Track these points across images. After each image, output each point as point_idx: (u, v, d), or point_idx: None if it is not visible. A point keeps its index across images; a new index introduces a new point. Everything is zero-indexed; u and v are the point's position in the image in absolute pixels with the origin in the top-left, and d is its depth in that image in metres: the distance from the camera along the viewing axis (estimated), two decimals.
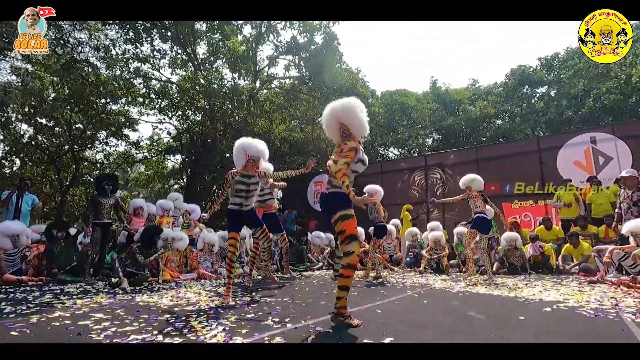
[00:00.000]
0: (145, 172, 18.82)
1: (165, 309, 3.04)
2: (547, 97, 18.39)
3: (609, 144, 7.74)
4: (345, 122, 2.52)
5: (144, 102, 14.04)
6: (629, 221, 4.45)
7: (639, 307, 2.99)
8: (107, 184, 5.23)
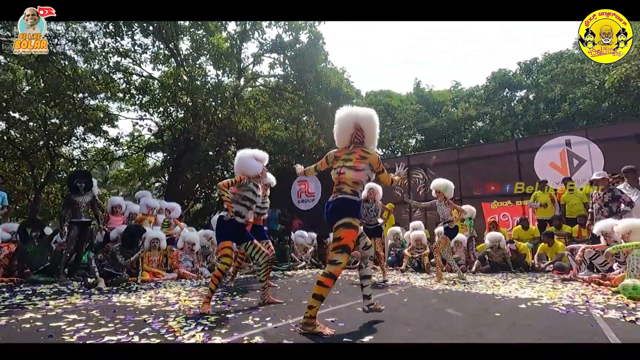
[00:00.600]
0: (125, 169, 18.32)
1: (143, 309, 2.98)
2: (526, 101, 18.92)
3: (582, 147, 8.04)
4: (363, 128, 2.53)
5: (124, 97, 13.66)
6: (599, 221, 4.63)
7: (607, 303, 3.12)
8: (79, 182, 5.06)
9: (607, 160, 7.54)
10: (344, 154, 2.52)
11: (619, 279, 3.75)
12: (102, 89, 12.41)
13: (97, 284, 4.33)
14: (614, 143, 7.70)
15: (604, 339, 2.04)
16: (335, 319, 2.59)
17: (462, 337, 2.09)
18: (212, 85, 13.08)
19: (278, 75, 14.97)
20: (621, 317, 2.55)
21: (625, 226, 3.95)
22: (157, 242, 5.36)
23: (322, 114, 14.24)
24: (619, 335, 2.08)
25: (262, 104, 15.10)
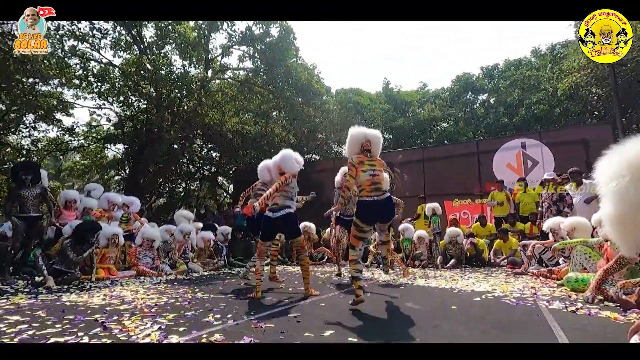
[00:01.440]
0: (81, 161, 17.21)
1: (96, 308, 2.82)
2: (487, 104, 19.86)
3: (536, 149, 8.58)
4: (372, 141, 3.10)
5: (80, 84, 12.80)
6: (548, 219, 4.96)
7: (552, 295, 3.35)
8: (24, 174, 4.69)
9: (557, 162, 8.09)
10: (366, 160, 3.01)
11: (563, 273, 4.04)
12: (55, 74, 11.55)
13: (46, 282, 4.05)
14: (564, 147, 8.28)
15: (547, 328, 2.18)
16: (298, 314, 2.59)
17: (419, 330, 2.16)
18: (177, 75, 12.58)
19: (247, 68, 14.68)
20: (563, 308, 2.74)
21: (569, 224, 4.26)
22: (116, 238, 5.10)
23: (292, 109, 14.16)
24: (561, 324, 2.24)
25: (231, 97, 14.73)
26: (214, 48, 14.61)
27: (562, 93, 13.91)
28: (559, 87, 14.04)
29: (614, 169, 1.06)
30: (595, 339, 1.97)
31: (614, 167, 1.06)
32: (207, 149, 17.69)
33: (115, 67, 13.00)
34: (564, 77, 14.00)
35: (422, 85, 23.69)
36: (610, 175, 1.06)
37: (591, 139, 8.13)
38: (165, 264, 5.68)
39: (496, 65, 20.35)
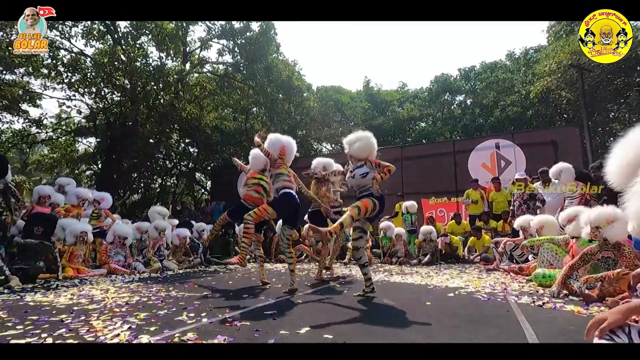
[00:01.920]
0: (49, 154, 16.42)
1: (62, 308, 2.70)
2: (464, 105, 20.41)
3: (509, 150, 8.88)
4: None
5: (49, 74, 12.19)
6: (519, 217, 5.14)
7: (521, 290, 3.48)
8: None
9: (529, 162, 8.41)
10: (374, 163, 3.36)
11: (532, 269, 4.20)
12: (21, 62, 10.95)
13: (9, 282, 3.83)
14: (535, 147, 8.62)
15: (515, 322, 2.26)
16: (274, 312, 2.57)
17: (393, 326, 2.19)
18: (154, 67, 12.20)
19: (227, 62, 14.39)
20: (531, 302, 2.85)
21: (538, 222, 4.43)
22: (85, 235, 4.90)
23: (272, 106, 14.01)
24: (528, 318, 2.32)
25: (209, 91, 14.41)
26: (193, 41, 14.27)
27: (534, 96, 14.47)
28: (532, 90, 14.59)
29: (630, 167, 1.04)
30: (560, 331, 2.05)
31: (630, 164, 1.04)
32: (185, 144, 17.26)
33: (87, 57, 12.45)
34: (536, 81, 14.56)
35: (402, 84, 24.06)
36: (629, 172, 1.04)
37: (560, 140, 8.51)
38: (139, 261, 5.51)
39: (473, 67, 20.91)
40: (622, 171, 1.07)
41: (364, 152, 3.39)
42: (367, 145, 3.39)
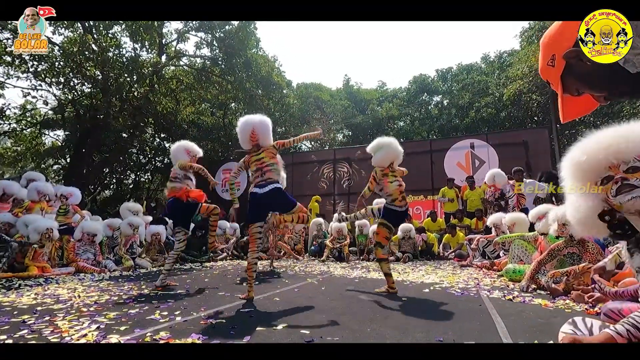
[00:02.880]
0: (12, 147, 15.55)
1: (25, 308, 2.56)
2: (441, 105, 20.87)
3: (483, 150, 9.16)
4: None
5: (12, 62, 11.49)
6: (491, 215, 5.32)
7: (493, 285, 3.60)
8: None
9: (501, 162, 8.70)
10: (389, 171, 3.55)
11: (503, 265, 4.36)
12: None
13: None
14: (507, 148, 8.93)
15: (487, 315, 2.33)
16: (251, 309, 2.53)
17: (369, 321, 2.21)
18: (127, 59, 11.76)
19: (205, 56, 14.06)
20: (502, 297, 2.95)
21: (510, 219, 4.60)
22: (50, 232, 4.65)
23: (251, 101, 13.83)
24: (500, 312, 2.40)
25: (186, 85, 14.04)
26: (169, 32, 13.84)
27: (507, 98, 14.96)
28: (505, 93, 15.08)
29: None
30: (529, 323, 2.13)
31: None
32: (160, 139, 16.78)
33: (54, 45, 11.83)
34: (509, 84, 15.06)
35: (381, 84, 24.33)
36: None
37: (530, 141, 8.85)
38: (110, 259, 5.31)
39: (450, 68, 21.39)
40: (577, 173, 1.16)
41: None
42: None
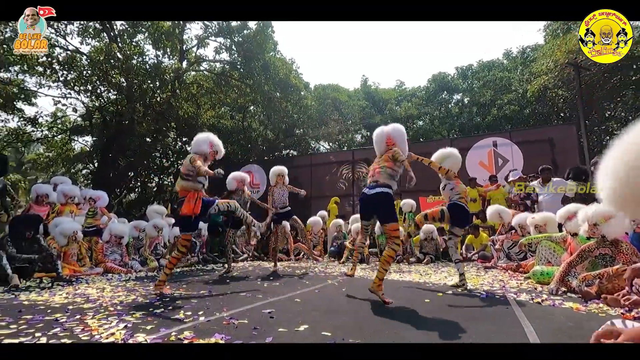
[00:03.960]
0: (45, 153, 16.31)
1: (57, 307, 2.67)
2: (461, 104, 20.44)
3: (506, 148, 8.89)
4: None
5: (44, 72, 12.08)
6: (516, 215, 5.15)
7: (520, 287, 3.48)
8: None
9: (526, 160, 8.42)
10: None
11: (530, 266, 4.21)
12: (16, 60, 10.85)
13: (10, 281, 3.75)
14: (532, 145, 8.63)
15: (515, 319, 2.25)
16: (272, 310, 2.55)
17: (392, 323, 2.18)
18: (150, 65, 12.12)
19: (224, 61, 14.33)
20: (530, 299, 2.85)
21: (542, 218, 4.42)
22: (75, 233, 4.82)
23: (270, 104, 13.98)
24: (528, 315, 2.31)
25: (206, 89, 14.35)
26: (189, 39, 14.20)
27: (531, 95, 14.48)
28: (529, 89, 14.61)
29: None
30: (559, 327, 2.04)
31: None
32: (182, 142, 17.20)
33: (82, 54, 12.36)
34: (533, 80, 14.59)
35: (399, 83, 24.05)
36: None
37: (557, 138, 8.52)
38: (135, 260, 5.48)
39: (470, 65, 20.92)
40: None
41: None
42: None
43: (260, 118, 17.21)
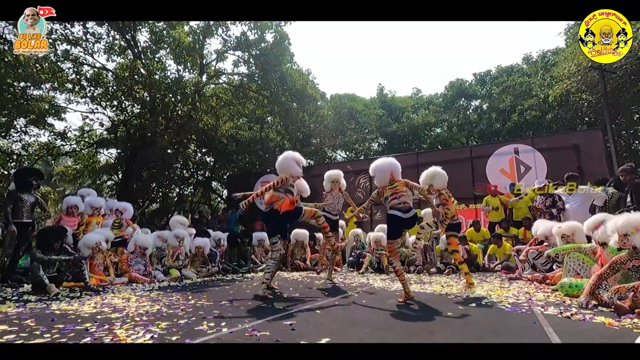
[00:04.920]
0: (73, 166, 17.03)
1: (86, 317, 2.76)
2: (480, 110, 20.11)
3: (529, 155, 8.66)
4: None
5: (73, 89, 12.70)
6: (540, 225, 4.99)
7: (547, 300, 3.36)
8: (37, 180, 4.68)
9: (550, 168, 8.18)
10: None
11: (557, 278, 4.05)
12: (47, 78, 11.44)
13: (50, 291, 3.89)
14: (556, 152, 8.38)
15: (543, 334, 2.18)
16: (293, 322, 2.55)
17: (414, 336, 2.15)
18: (172, 80, 12.53)
19: (242, 73, 14.67)
20: (558, 313, 2.75)
21: (569, 227, 4.25)
22: (99, 244, 4.98)
23: (287, 114, 14.18)
24: (556, 330, 2.23)
25: (225, 102, 14.71)
26: (209, 53, 14.61)
27: (553, 99, 14.11)
28: (550, 94, 14.25)
29: None
30: (591, 344, 1.96)
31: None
32: (202, 153, 17.62)
33: (108, 71, 12.93)
34: (555, 84, 14.23)
35: (416, 91, 23.95)
36: None
37: (582, 144, 8.24)
38: (158, 270, 5.60)
39: (489, 71, 20.64)
40: None
41: None
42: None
43: (277, 128, 17.44)
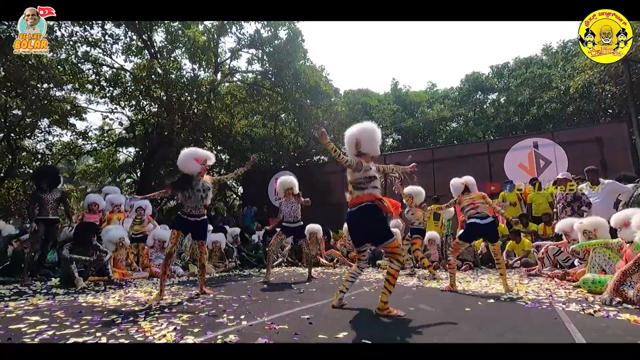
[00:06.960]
0: (94, 164, 17.55)
1: (112, 309, 2.87)
2: (497, 103, 19.62)
3: (548, 149, 8.44)
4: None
5: (93, 89, 13.05)
6: (560, 220, 4.87)
7: (568, 297, 3.29)
8: (41, 180, 4.83)
9: (571, 162, 7.95)
10: None
11: (579, 274, 3.96)
12: (69, 79, 11.80)
13: (77, 284, 4.07)
14: (577, 145, 8.13)
15: (565, 331, 2.14)
16: (310, 316, 2.59)
17: (433, 332, 2.15)
18: (187, 79, 12.72)
19: (256, 71, 14.76)
20: (581, 310, 2.69)
21: (590, 223, 4.13)
22: (122, 240, 5.14)
23: (301, 111, 14.19)
24: (579, 327, 2.19)
25: (240, 99, 14.84)
26: (223, 52, 14.74)
27: (575, 91, 13.64)
28: (571, 85, 13.78)
29: None
30: (615, 340, 1.92)
31: None
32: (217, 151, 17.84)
33: (126, 71, 13.23)
34: (576, 75, 13.75)
35: (430, 85, 23.57)
36: None
37: (606, 137, 7.98)
38: (177, 265, 5.74)
39: (506, 63, 20.11)
40: None
41: None
42: None
43: (291, 125, 17.48)
